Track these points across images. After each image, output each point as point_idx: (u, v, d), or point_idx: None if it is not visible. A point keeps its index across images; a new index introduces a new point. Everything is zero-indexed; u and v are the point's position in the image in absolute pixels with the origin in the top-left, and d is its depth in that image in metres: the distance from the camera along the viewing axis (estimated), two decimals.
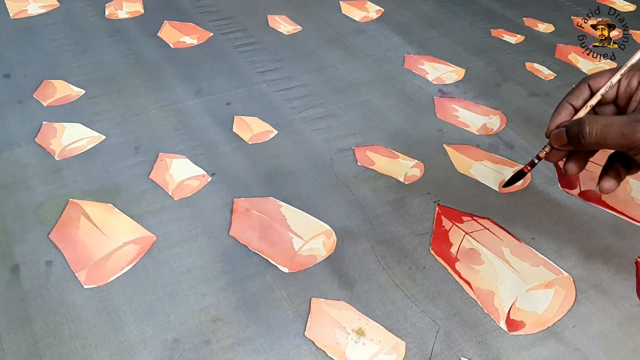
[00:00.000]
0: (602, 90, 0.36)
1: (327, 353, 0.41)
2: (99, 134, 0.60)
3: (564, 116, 0.37)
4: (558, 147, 0.36)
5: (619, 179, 0.37)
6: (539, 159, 0.38)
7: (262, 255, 0.47)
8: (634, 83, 0.35)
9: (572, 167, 0.37)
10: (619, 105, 0.36)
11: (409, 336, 0.42)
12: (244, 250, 0.48)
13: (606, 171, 0.37)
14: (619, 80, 0.36)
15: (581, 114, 0.36)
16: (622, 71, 0.36)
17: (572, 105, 0.37)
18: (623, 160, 0.37)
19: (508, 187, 0.38)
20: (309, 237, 0.49)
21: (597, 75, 0.36)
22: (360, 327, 0.42)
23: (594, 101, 0.36)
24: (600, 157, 0.39)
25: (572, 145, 0.35)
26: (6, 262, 0.46)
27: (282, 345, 0.41)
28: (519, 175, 0.39)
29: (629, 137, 0.33)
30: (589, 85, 0.36)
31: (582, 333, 0.43)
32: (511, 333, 0.43)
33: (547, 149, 0.37)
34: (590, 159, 0.38)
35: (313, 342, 0.41)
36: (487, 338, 0.42)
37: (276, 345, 0.41)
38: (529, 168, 0.39)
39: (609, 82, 0.36)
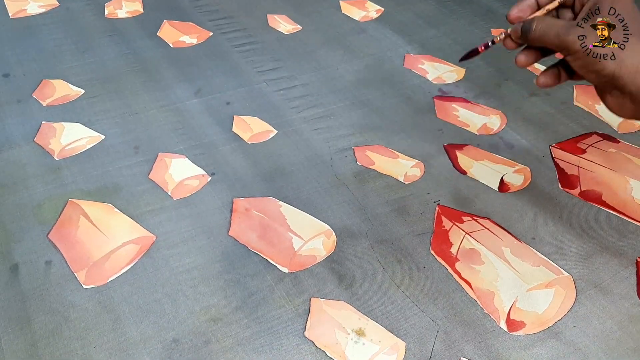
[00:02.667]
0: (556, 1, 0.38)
1: (327, 353, 0.41)
2: (99, 134, 0.60)
3: (525, 8, 0.39)
4: (514, 39, 0.39)
5: (557, 79, 0.40)
6: (494, 42, 0.41)
7: (261, 255, 0.47)
8: None
9: (521, 58, 0.40)
10: (575, 11, 0.39)
11: (409, 336, 0.42)
12: (244, 250, 0.48)
13: (549, 69, 0.40)
14: None
15: (538, 13, 0.39)
16: None
17: (537, 1, 0.40)
18: (568, 65, 0.40)
19: (463, 61, 0.43)
20: (309, 237, 0.49)
21: None
22: (360, 327, 0.42)
23: (551, 6, 0.39)
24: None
25: (522, 40, 0.38)
26: (5, 262, 0.46)
27: (282, 345, 0.41)
28: (472, 53, 0.42)
29: (562, 39, 0.36)
30: None
31: (582, 333, 0.43)
32: (511, 333, 0.43)
33: (502, 35, 0.40)
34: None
35: (313, 342, 0.41)
36: (487, 338, 0.42)
37: (276, 345, 0.41)
38: (483, 49, 0.41)
39: None
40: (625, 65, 0.34)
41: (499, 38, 0.40)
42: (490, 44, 0.41)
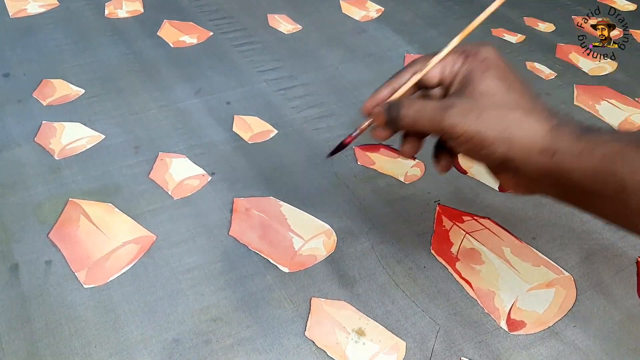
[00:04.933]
0: (419, 74, 0.35)
1: (328, 353, 0.41)
2: (99, 134, 0.60)
3: (381, 98, 0.36)
4: (379, 125, 0.36)
5: (450, 162, 0.37)
6: (359, 132, 0.37)
7: (262, 255, 0.47)
8: (458, 64, 0.34)
9: (406, 149, 0.37)
10: (445, 87, 0.36)
11: (409, 336, 0.42)
12: (244, 250, 0.48)
13: (438, 152, 0.37)
14: (445, 63, 0.35)
15: (398, 94, 0.36)
16: (438, 56, 0.35)
17: (392, 88, 0.36)
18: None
19: (332, 156, 0.41)
20: (309, 236, 0.49)
21: (419, 60, 0.36)
22: (361, 327, 0.42)
23: (410, 83, 0.36)
24: None
25: (390, 127, 0.35)
26: (6, 261, 0.46)
27: (282, 345, 0.41)
28: (340, 148, 0.39)
29: (437, 124, 0.32)
30: (411, 69, 0.36)
31: (582, 333, 0.43)
32: (512, 333, 0.43)
33: (365, 124, 0.37)
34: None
35: (313, 342, 0.41)
36: (487, 338, 0.42)
37: (276, 345, 0.41)
38: (350, 141, 0.38)
39: (429, 63, 0.35)
40: (516, 146, 0.31)
41: (364, 126, 0.37)
42: (355, 134, 0.37)
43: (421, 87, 0.36)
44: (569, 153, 0.30)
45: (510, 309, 0.44)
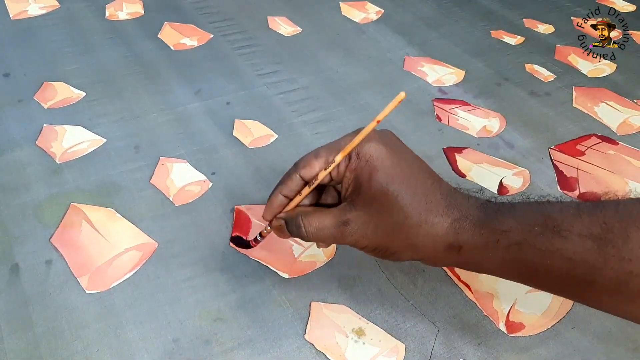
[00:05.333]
0: (304, 192, 0.35)
1: (327, 355, 0.41)
2: (100, 137, 0.60)
3: (277, 207, 0.36)
4: (282, 237, 0.37)
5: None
6: (262, 236, 0.40)
7: (262, 262, 0.48)
8: (342, 166, 0.33)
9: (322, 245, 0.38)
10: (336, 185, 0.35)
11: (408, 338, 0.43)
12: (245, 258, 0.48)
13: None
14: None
15: (291, 205, 0.36)
16: (324, 172, 0.34)
17: (286, 196, 0.36)
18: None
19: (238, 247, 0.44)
20: (309, 243, 0.49)
21: (307, 164, 0.35)
22: (361, 327, 0.43)
23: (296, 201, 0.35)
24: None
25: (295, 237, 0.36)
26: (7, 263, 0.46)
27: (282, 347, 0.42)
28: (244, 245, 0.44)
29: (340, 241, 0.33)
30: (300, 176, 0.35)
31: (581, 334, 0.43)
32: (510, 335, 0.43)
33: (267, 231, 0.39)
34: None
35: (313, 345, 0.42)
36: (486, 340, 0.43)
37: (276, 347, 0.42)
38: (255, 243, 0.42)
39: (315, 182, 0.34)
40: (420, 250, 0.32)
41: (266, 230, 0.39)
42: (259, 237, 0.40)
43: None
44: (475, 247, 0.30)
45: (509, 311, 0.45)
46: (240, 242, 0.47)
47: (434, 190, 0.32)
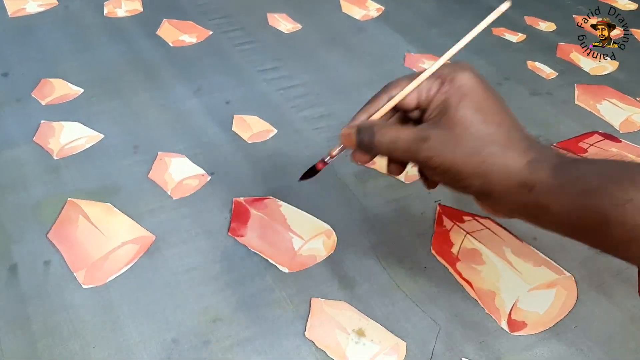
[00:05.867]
0: (394, 100, 0.34)
1: (327, 353, 0.40)
2: (98, 133, 0.60)
3: (361, 120, 0.35)
4: (352, 148, 0.35)
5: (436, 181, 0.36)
6: (332, 157, 0.37)
7: (261, 255, 0.47)
8: (434, 90, 0.33)
9: (391, 169, 0.36)
10: (422, 111, 0.34)
11: (409, 337, 0.42)
12: (244, 250, 0.48)
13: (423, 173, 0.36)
14: (421, 87, 0.33)
15: (375, 116, 0.35)
16: (416, 81, 0.33)
17: (370, 113, 0.35)
18: None
19: (305, 179, 0.39)
20: (309, 236, 0.49)
21: (397, 85, 0.34)
22: (361, 328, 0.42)
23: (384, 109, 0.34)
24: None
25: (366, 151, 0.34)
26: (4, 262, 0.46)
27: (282, 345, 0.41)
28: (311, 172, 0.39)
29: (413, 156, 0.32)
30: (387, 93, 0.34)
31: (583, 333, 0.43)
32: (512, 333, 0.43)
33: (337, 149, 0.36)
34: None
35: (313, 343, 0.41)
36: (488, 338, 0.42)
37: (276, 345, 0.41)
38: (322, 166, 0.38)
39: (404, 90, 0.33)
40: (492, 180, 0.31)
41: (336, 151, 0.36)
42: (327, 159, 0.37)
43: (399, 110, 0.35)
44: (548, 188, 0.30)
45: (511, 309, 0.44)
46: (308, 172, 0.40)
47: (517, 129, 0.32)
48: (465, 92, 0.32)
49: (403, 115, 0.36)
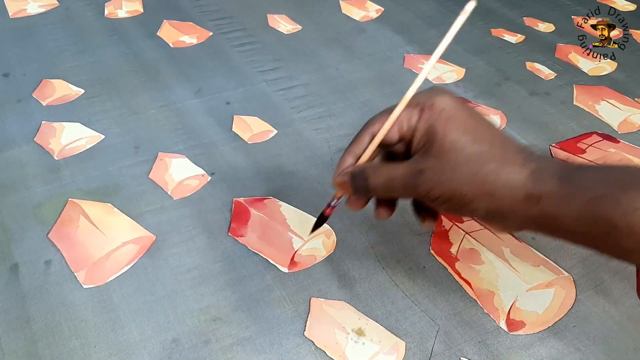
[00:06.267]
0: (377, 138, 0.33)
1: (327, 353, 0.41)
2: (98, 134, 0.60)
3: (348, 163, 0.35)
4: (349, 195, 0.35)
5: (434, 217, 0.35)
6: (337, 199, 0.37)
7: (261, 255, 0.47)
8: (414, 119, 0.32)
9: (380, 213, 0.35)
10: (406, 143, 0.34)
11: (408, 336, 0.42)
12: (244, 250, 0.48)
13: (419, 211, 0.36)
14: (400, 119, 0.33)
15: (360, 161, 0.34)
16: (394, 114, 0.33)
17: (356, 156, 0.35)
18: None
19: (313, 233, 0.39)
20: (309, 236, 0.49)
21: (377, 120, 0.33)
22: (360, 327, 0.42)
23: (370, 149, 0.34)
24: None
25: (362, 196, 0.34)
26: (5, 261, 0.46)
27: (282, 344, 0.41)
28: (321, 221, 0.39)
29: (412, 192, 0.32)
30: (369, 131, 0.34)
31: (582, 333, 0.43)
32: (511, 333, 0.43)
33: (337, 195, 0.36)
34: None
35: (313, 342, 0.41)
36: (487, 338, 0.42)
37: (276, 344, 0.41)
38: (329, 212, 0.38)
39: (385, 125, 0.33)
40: (497, 198, 0.30)
41: (338, 196, 0.36)
42: (334, 204, 0.36)
43: (383, 146, 0.34)
44: (555, 198, 0.29)
45: (510, 309, 0.44)
46: (318, 222, 0.40)
47: (509, 142, 0.31)
48: (448, 116, 0.31)
49: (387, 150, 0.35)
